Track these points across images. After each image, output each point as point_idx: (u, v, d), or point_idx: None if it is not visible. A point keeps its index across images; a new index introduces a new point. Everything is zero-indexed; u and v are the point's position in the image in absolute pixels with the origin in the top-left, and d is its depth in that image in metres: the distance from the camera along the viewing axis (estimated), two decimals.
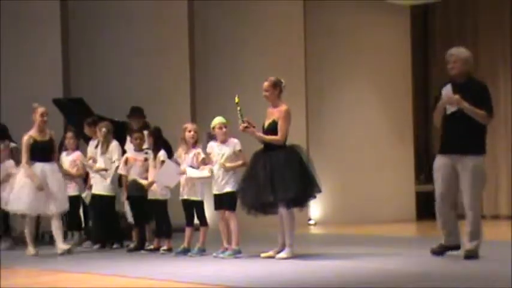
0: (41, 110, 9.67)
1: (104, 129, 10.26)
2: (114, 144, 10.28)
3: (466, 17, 16.12)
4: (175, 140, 9.67)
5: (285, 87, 8.68)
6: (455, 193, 7.75)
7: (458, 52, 7.73)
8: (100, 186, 10.23)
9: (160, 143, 9.72)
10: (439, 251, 7.90)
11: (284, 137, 8.45)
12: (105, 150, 10.24)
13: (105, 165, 10.21)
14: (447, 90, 7.61)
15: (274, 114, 8.56)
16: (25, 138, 9.58)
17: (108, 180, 10.18)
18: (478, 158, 7.62)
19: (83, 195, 10.65)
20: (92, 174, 10.36)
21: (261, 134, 8.49)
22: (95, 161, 10.36)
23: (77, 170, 10.48)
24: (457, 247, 7.86)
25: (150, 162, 9.68)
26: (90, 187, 10.41)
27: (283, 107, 8.55)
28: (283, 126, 8.43)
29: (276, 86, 8.58)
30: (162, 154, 9.61)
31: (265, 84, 8.60)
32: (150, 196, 9.62)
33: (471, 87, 7.65)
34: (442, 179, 7.72)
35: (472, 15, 15.99)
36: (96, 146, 10.42)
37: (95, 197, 10.31)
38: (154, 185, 9.52)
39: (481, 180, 7.67)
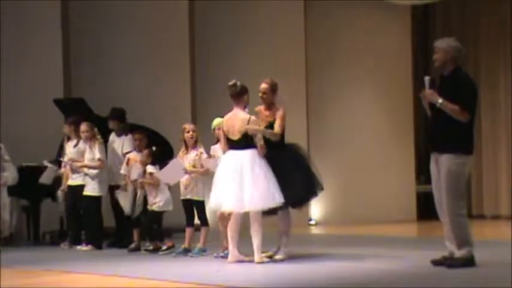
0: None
1: (95, 129, 10.31)
2: (98, 144, 10.28)
3: (466, 17, 16.11)
4: (176, 140, 9.69)
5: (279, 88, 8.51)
6: None
7: (440, 42, 7.39)
8: (88, 187, 10.27)
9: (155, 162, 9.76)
10: (440, 262, 7.33)
11: (282, 132, 8.24)
12: (91, 149, 10.28)
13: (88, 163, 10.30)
14: (426, 83, 7.26)
15: (269, 116, 8.40)
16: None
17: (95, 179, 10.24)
18: (454, 157, 7.16)
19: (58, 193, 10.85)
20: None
21: (257, 128, 8.17)
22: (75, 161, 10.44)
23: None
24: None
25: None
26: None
27: (280, 108, 8.36)
28: (280, 121, 8.23)
29: (275, 89, 8.40)
30: (149, 167, 9.66)
31: (264, 86, 8.37)
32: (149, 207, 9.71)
33: (454, 80, 7.26)
34: (432, 182, 7.43)
35: (472, 16, 15.98)
36: (75, 146, 10.48)
37: (86, 197, 10.34)
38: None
39: (456, 181, 7.18)
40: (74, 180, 10.45)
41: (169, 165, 9.29)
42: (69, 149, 10.55)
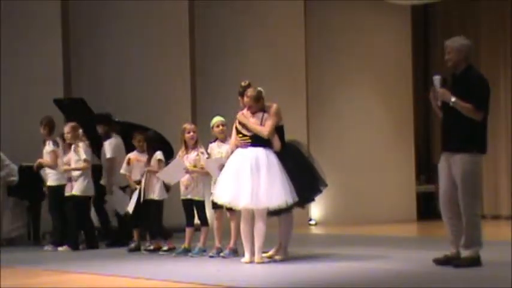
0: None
1: (81, 130, 10.32)
2: (82, 145, 10.30)
3: (467, 17, 16.12)
4: (176, 140, 9.69)
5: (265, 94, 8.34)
6: (456, 195, 7.24)
7: (452, 42, 7.35)
8: (75, 187, 10.27)
9: (155, 146, 9.75)
10: (443, 261, 7.33)
11: (271, 133, 8.12)
12: (75, 150, 10.27)
13: (74, 165, 10.27)
14: (436, 83, 7.26)
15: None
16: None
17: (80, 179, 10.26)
18: (468, 156, 7.13)
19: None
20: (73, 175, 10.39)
21: (247, 121, 8.13)
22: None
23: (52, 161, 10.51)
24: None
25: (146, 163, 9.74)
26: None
27: (271, 107, 8.24)
28: (270, 121, 8.12)
29: (259, 99, 8.21)
30: (158, 153, 9.65)
31: (247, 100, 8.20)
32: (147, 196, 9.68)
33: (467, 78, 7.24)
34: (440, 181, 7.40)
35: (473, 16, 15.99)
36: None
37: (73, 198, 10.32)
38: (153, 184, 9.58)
39: (472, 181, 7.16)
40: (53, 181, 10.48)
41: (171, 165, 9.31)
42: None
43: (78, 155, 10.23)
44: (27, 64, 12.15)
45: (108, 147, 10.58)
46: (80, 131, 10.33)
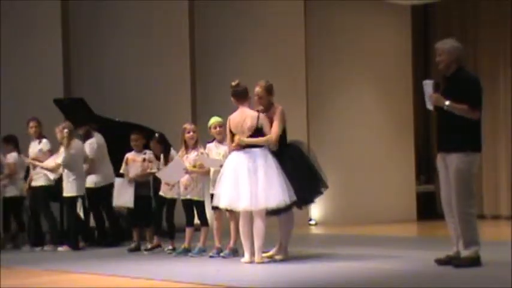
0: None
1: (66, 130, 10.30)
2: (62, 147, 10.31)
3: (466, 17, 16.12)
4: (176, 140, 9.69)
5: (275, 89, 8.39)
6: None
7: (443, 44, 7.35)
8: (67, 187, 10.28)
9: (167, 146, 9.79)
10: (445, 262, 7.31)
11: (278, 137, 8.11)
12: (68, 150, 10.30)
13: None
14: (427, 88, 7.30)
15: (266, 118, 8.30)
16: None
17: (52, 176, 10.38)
18: (462, 155, 7.14)
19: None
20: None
21: (251, 139, 8.08)
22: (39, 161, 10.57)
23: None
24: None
25: (155, 163, 9.71)
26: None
27: (277, 108, 8.25)
28: (277, 125, 8.11)
29: (270, 90, 8.25)
30: (174, 153, 9.65)
31: (258, 90, 8.21)
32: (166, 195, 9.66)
33: (459, 79, 7.24)
34: (440, 181, 7.41)
35: (472, 16, 15.99)
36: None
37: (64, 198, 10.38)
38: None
39: (466, 180, 7.17)
40: (35, 181, 10.53)
41: (170, 165, 9.31)
42: (33, 148, 10.68)
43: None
44: (27, 64, 12.16)
45: (88, 147, 10.65)
46: (65, 131, 10.31)
